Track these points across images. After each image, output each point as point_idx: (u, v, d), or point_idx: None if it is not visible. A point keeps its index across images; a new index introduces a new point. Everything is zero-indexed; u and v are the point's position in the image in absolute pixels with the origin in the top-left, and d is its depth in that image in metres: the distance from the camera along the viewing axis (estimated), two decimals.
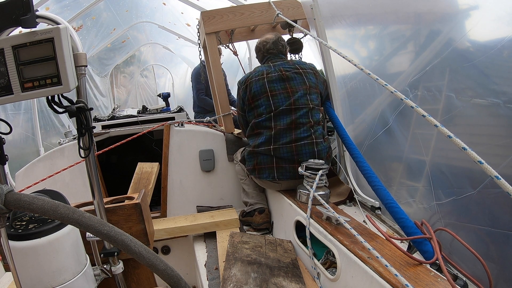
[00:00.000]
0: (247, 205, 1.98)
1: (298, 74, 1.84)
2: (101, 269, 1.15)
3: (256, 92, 1.85)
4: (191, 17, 4.82)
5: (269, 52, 1.97)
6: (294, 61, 1.96)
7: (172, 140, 2.24)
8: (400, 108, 1.55)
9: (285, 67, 1.86)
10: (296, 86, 1.81)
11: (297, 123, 1.75)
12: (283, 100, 1.79)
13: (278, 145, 1.73)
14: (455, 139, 0.76)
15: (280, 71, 1.84)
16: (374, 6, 1.72)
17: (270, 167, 1.75)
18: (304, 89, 1.81)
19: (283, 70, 1.84)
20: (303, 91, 1.80)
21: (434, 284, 0.83)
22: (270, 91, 1.81)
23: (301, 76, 1.84)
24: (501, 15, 1.06)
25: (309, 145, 1.72)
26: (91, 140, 1.00)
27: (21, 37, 0.80)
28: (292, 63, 1.91)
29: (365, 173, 1.53)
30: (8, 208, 0.71)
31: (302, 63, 1.93)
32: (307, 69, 1.88)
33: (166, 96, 3.38)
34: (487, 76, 1.09)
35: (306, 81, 1.83)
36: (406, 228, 1.19)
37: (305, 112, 1.77)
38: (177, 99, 8.50)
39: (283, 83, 1.82)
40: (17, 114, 3.50)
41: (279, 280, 1.21)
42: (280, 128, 1.75)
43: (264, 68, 1.90)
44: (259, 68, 1.92)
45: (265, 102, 1.81)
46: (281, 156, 1.73)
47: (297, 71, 1.85)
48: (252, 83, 1.87)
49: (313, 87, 1.85)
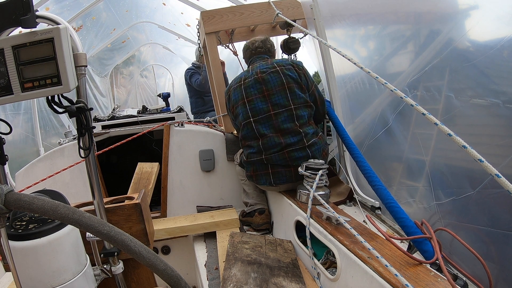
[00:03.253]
0: (247, 205, 1.98)
1: (274, 73, 1.71)
2: (101, 269, 1.15)
3: (235, 101, 1.80)
4: (191, 17, 4.82)
5: (257, 51, 1.89)
6: (273, 60, 1.84)
7: (172, 140, 2.24)
8: (400, 108, 1.55)
9: (262, 68, 1.75)
10: (273, 87, 1.70)
11: (282, 129, 1.67)
12: (260, 104, 1.70)
13: (270, 154, 1.68)
14: (455, 137, 0.76)
15: (256, 74, 1.75)
16: (374, 6, 1.72)
17: (266, 173, 1.72)
18: (282, 89, 1.69)
19: (259, 72, 1.74)
20: (281, 92, 1.69)
21: (434, 284, 0.83)
22: (246, 97, 1.73)
23: (278, 74, 1.71)
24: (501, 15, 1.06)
25: (301, 150, 1.66)
26: (91, 140, 1.00)
27: (21, 37, 0.80)
28: (270, 63, 1.78)
29: (366, 173, 1.53)
30: (8, 208, 0.71)
31: (281, 60, 1.80)
32: (286, 65, 1.74)
33: (166, 96, 3.37)
34: (487, 76, 1.09)
35: (283, 78, 1.70)
36: (406, 228, 1.19)
37: (287, 116, 1.67)
38: (177, 99, 8.51)
39: (259, 86, 1.72)
40: (17, 115, 3.50)
41: (279, 280, 1.21)
42: (267, 138, 1.68)
43: (243, 74, 1.83)
44: (239, 75, 1.86)
45: (242, 110, 1.75)
46: (275, 163, 1.68)
47: (274, 70, 1.72)
48: (231, 92, 1.83)
49: (292, 83, 1.70)
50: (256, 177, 1.77)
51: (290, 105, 1.68)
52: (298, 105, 1.70)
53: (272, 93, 1.70)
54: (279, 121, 1.68)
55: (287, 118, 1.68)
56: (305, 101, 1.72)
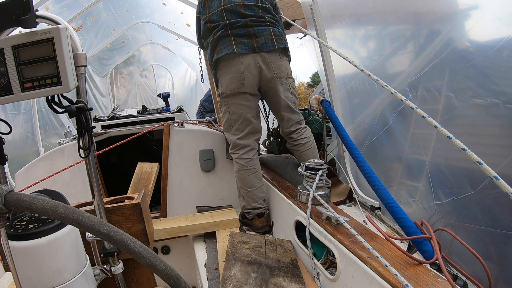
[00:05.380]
0: (244, 209, 1.94)
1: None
2: (101, 269, 1.15)
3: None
4: (191, 17, 4.82)
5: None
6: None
7: (172, 140, 2.24)
8: (400, 108, 1.55)
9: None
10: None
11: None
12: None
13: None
14: (455, 140, 0.76)
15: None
16: (374, 6, 1.72)
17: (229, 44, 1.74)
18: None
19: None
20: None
21: (434, 284, 0.83)
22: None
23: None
24: (500, 15, 1.06)
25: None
26: (91, 140, 1.00)
27: (21, 37, 0.80)
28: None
29: (365, 173, 1.53)
30: (8, 208, 0.71)
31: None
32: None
33: (166, 96, 3.37)
34: (487, 76, 1.09)
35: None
36: (406, 228, 1.19)
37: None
38: (177, 99, 8.51)
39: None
40: (17, 115, 3.50)
41: (279, 280, 1.21)
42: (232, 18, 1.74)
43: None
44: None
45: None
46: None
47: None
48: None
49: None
50: (218, 51, 1.76)
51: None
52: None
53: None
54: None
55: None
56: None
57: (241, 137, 1.85)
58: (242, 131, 1.84)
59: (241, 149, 1.85)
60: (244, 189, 1.86)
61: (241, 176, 1.85)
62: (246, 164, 1.83)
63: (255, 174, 1.85)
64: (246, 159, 1.83)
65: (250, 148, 1.86)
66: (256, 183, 1.85)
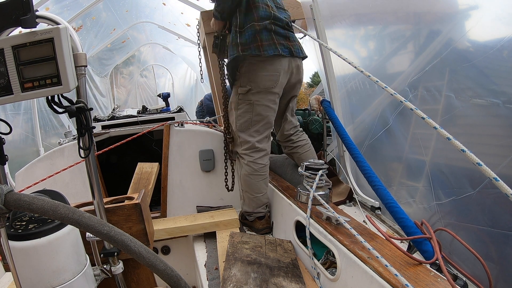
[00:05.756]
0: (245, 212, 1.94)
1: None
2: (101, 269, 1.15)
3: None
4: (191, 17, 4.82)
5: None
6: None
7: (172, 140, 2.24)
8: (400, 108, 1.55)
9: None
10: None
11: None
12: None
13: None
14: (454, 141, 0.76)
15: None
16: (374, 6, 1.72)
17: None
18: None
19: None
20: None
21: (434, 284, 0.83)
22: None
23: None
24: (500, 15, 1.06)
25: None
26: (91, 140, 1.00)
27: (21, 37, 0.80)
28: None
29: (365, 173, 1.53)
30: (8, 208, 0.71)
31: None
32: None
33: (166, 96, 3.37)
34: (487, 76, 1.09)
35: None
36: (406, 228, 1.19)
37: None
38: (177, 99, 8.51)
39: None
40: (17, 115, 3.50)
41: (279, 280, 1.21)
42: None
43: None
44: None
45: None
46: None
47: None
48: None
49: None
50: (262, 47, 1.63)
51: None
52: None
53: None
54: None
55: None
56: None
57: (260, 140, 1.76)
58: (262, 133, 1.76)
59: (258, 153, 1.76)
60: (251, 194, 1.79)
61: (251, 181, 1.77)
62: (259, 170, 1.76)
63: (265, 180, 1.80)
64: (261, 165, 1.76)
65: (266, 153, 1.79)
66: (264, 189, 1.80)
